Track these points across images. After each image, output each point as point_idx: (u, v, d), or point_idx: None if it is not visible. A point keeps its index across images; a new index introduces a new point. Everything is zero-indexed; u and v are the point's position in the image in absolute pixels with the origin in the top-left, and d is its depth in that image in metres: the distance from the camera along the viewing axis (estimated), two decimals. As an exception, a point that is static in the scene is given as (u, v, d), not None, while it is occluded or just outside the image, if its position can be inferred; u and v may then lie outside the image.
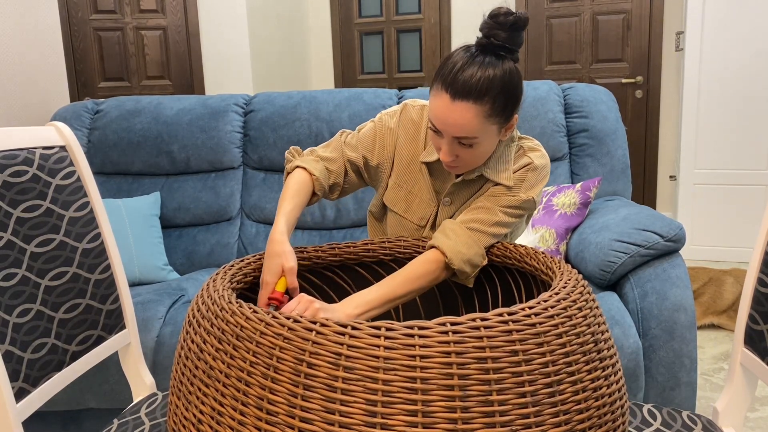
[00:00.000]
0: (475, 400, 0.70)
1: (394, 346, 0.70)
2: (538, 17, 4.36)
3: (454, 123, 1.09)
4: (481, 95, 1.07)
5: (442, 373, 0.70)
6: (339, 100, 2.24)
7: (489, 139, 1.14)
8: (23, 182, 1.04)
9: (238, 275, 1.05)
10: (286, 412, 0.71)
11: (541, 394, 0.73)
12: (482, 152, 1.15)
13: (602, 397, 0.79)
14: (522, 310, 0.76)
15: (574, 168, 2.18)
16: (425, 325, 0.72)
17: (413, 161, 1.29)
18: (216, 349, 0.80)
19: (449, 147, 1.13)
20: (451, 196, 1.27)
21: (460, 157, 1.15)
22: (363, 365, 0.70)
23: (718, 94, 3.65)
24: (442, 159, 1.15)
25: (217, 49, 3.94)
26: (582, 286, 0.87)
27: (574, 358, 0.77)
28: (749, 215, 3.68)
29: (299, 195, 1.20)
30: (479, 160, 1.17)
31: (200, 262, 2.21)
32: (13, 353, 0.96)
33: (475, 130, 1.09)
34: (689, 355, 1.52)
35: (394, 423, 0.69)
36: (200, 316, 0.86)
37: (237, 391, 0.76)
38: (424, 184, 1.28)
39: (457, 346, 0.71)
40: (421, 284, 1.12)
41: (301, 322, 0.75)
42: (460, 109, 1.08)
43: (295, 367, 0.72)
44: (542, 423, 0.72)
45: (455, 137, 1.11)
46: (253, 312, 0.79)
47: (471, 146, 1.12)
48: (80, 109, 2.37)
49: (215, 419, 0.77)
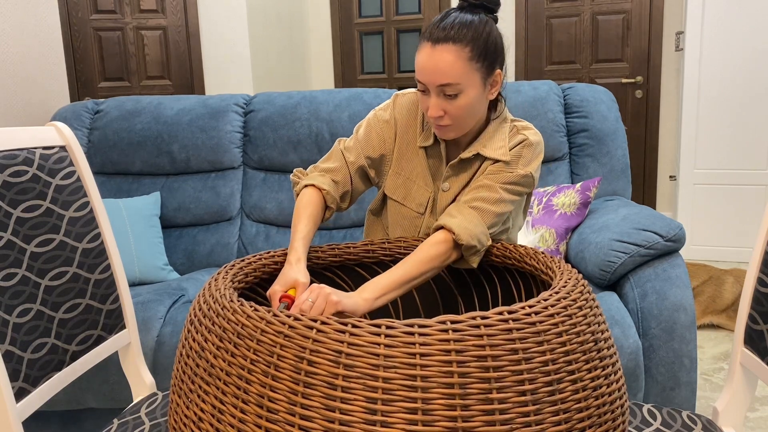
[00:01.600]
0: (475, 398, 0.70)
1: (395, 344, 0.71)
2: (538, 17, 4.36)
3: (436, 67, 1.12)
4: (459, 38, 1.12)
5: (442, 371, 0.70)
6: (339, 100, 2.24)
7: (473, 90, 1.16)
8: (23, 182, 1.04)
9: (239, 275, 1.06)
10: (287, 410, 0.72)
11: (541, 392, 0.73)
12: (469, 106, 1.16)
13: (602, 396, 0.79)
14: (522, 309, 0.76)
15: (574, 168, 2.18)
16: (425, 323, 0.72)
17: (410, 148, 1.30)
18: (217, 347, 0.80)
19: (436, 100, 1.16)
20: (449, 180, 1.27)
21: (448, 113, 1.17)
22: (363, 363, 0.70)
23: (718, 94, 3.65)
24: (430, 116, 1.17)
25: (217, 49, 3.94)
26: (582, 286, 0.87)
27: (574, 357, 0.77)
28: (749, 215, 3.68)
29: (313, 216, 1.20)
30: (468, 119, 1.18)
31: (200, 262, 2.21)
32: (13, 353, 0.96)
33: (458, 74, 1.13)
34: (689, 355, 1.52)
35: (394, 421, 0.69)
36: (201, 315, 0.86)
37: (238, 389, 0.76)
38: (422, 170, 1.29)
39: (457, 345, 0.71)
40: (432, 265, 1.12)
41: (302, 320, 0.75)
42: (440, 52, 1.12)
43: (296, 365, 0.73)
44: (542, 422, 0.72)
45: (440, 86, 1.14)
46: (254, 311, 0.79)
47: (456, 97, 1.14)
48: (80, 109, 2.37)
49: (216, 417, 0.77)
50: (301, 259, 1.10)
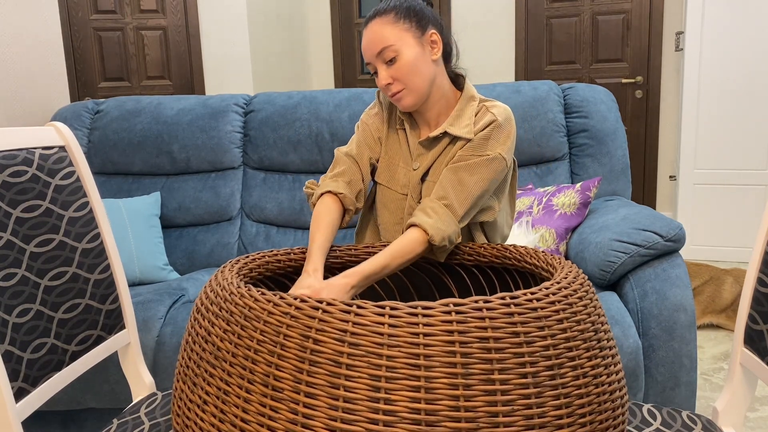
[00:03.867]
0: (477, 378, 0.71)
1: (399, 324, 0.72)
2: (538, 17, 4.36)
3: (370, 40, 1.25)
4: (382, 11, 1.26)
5: (445, 351, 0.71)
6: (339, 100, 2.24)
7: (410, 50, 1.24)
8: (23, 182, 1.04)
9: (245, 269, 1.07)
10: (292, 388, 0.73)
11: (542, 376, 0.74)
12: (411, 65, 1.24)
13: (602, 385, 0.80)
14: (524, 295, 0.77)
15: (574, 168, 2.18)
16: (429, 305, 0.73)
17: (392, 131, 1.38)
18: (224, 330, 0.81)
19: (381, 71, 1.26)
20: (419, 159, 1.33)
21: (395, 78, 1.25)
22: (367, 342, 0.71)
23: (718, 94, 3.65)
24: (382, 88, 1.27)
25: (217, 49, 3.94)
26: (582, 278, 0.88)
27: (574, 344, 0.78)
28: (749, 215, 3.68)
29: (330, 224, 1.25)
30: (416, 79, 1.25)
31: (200, 262, 2.21)
32: (13, 353, 0.96)
33: (387, 37, 1.24)
34: (689, 354, 1.52)
35: (398, 398, 0.70)
36: (209, 303, 0.87)
37: (243, 369, 0.77)
38: (402, 151, 1.35)
39: (459, 326, 0.72)
40: (405, 260, 1.18)
41: (308, 302, 0.76)
42: (372, 27, 1.26)
43: (302, 343, 0.74)
44: (543, 404, 0.73)
45: (378, 55, 1.24)
46: (261, 294, 0.80)
47: (395, 60, 1.24)
48: (80, 109, 2.37)
49: (221, 399, 0.78)
50: (318, 269, 1.15)
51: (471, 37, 4.51)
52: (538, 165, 2.18)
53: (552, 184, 2.15)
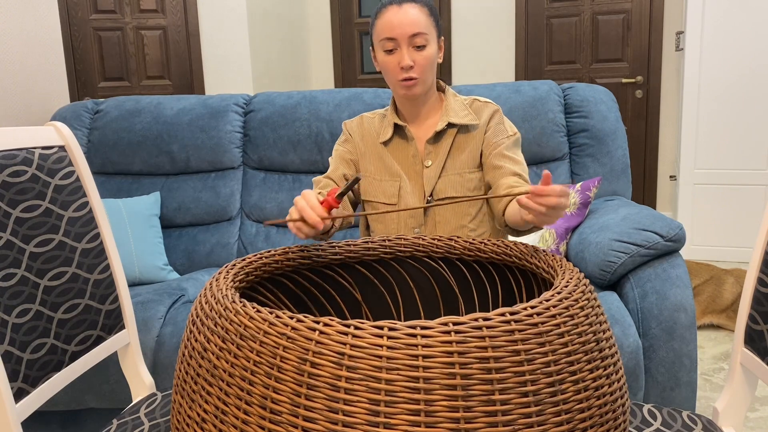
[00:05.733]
0: (477, 399, 0.70)
1: (397, 346, 0.71)
2: (538, 17, 4.36)
3: (407, 19, 1.29)
4: (420, 0, 1.33)
5: (444, 373, 0.70)
6: (339, 100, 2.24)
7: (434, 45, 1.34)
8: (22, 182, 1.04)
9: (240, 274, 1.06)
10: (290, 412, 0.72)
11: (544, 393, 0.73)
12: (432, 60, 1.34)
13: (604, 396, 0.79)
14: (524, 310, 0.76)
15: (574, 168, 2.18)
16: (428, 324, 0.72)
17: (369, 150, 1.46)
18: (219, 348, 0.80)
19: (407, 51, 1.31)
20: (429, 156, 1.42)
21: (417, 64, 1.32)
22: (366, 365, 0.70)
23: (718, 94, 3.65)
24: (403, 66, 1.32)
25: (217, 49, 3.94)
26: (584, 285, 0.87)
27: (576, 357, 0.77)
28: (749, 215, 3.68)
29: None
30: (430, 74, 1.35)
31: (200, 262, 2.21)
32: (13, 353, 0.96)
33: (424, 25, 1.31)
34: (689, 355, 1.52)
35: (397, 422, 0.69)
36: (204, 315, 0.86)
37: (241, 390, 0.76)
38: (385, 166, 1.44)
39: (459, 346, 0.71)
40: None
41: (305, 321, 0.75)
42: (407, 8, 1.30)
43: (299, 366, 0.73)
44: (544, 422, 0.72)
45: (411, 36, 1.30)
46: (256, 312, 0.79)
47: (424, 48, 1.31)
48: (80, 109, 2.36)
49: (219, 418, 0.77)
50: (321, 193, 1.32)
51: (471, 37, 4.51)
52: (539, 165, 2.18)
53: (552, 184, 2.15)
